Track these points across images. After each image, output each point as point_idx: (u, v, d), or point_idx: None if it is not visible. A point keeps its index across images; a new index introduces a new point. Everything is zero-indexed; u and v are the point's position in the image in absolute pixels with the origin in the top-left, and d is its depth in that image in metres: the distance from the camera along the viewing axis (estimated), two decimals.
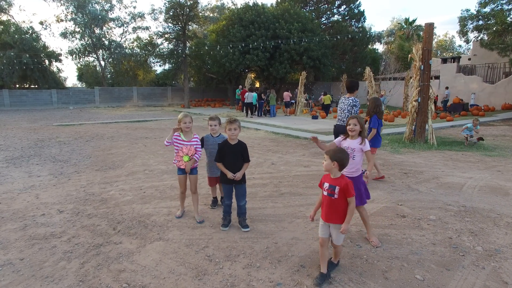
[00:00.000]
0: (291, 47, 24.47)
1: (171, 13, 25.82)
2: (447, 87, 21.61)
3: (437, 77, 24.10)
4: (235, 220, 3.89)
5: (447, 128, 13.29)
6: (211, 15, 37.52)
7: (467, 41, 20.79)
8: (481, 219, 4.05)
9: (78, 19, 29.89)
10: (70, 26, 30.66)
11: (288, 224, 3.91)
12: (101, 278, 2.83)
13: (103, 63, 32.83)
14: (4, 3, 28.65)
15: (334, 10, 32.95)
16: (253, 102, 18.00)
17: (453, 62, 25.43)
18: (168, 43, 29.32)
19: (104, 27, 31.63)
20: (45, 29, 31.62)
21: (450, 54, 48.93)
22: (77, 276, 2.85)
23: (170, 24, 27.45)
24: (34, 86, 30.19)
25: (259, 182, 5.65)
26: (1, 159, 7.56)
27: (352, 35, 29.74)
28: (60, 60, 31.40)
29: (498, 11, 17.18)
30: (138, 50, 32.34)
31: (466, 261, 3.08)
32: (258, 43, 24.33)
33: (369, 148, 3.45)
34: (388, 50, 39.54)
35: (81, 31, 30.30)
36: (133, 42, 33.94)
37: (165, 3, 26.03)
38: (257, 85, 31.96)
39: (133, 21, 32.92)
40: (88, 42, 30.58)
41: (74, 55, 31.18)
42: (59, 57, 30.86)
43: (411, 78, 12.02)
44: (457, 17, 20.80)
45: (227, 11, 33.88)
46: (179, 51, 27.85)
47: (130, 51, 32.35)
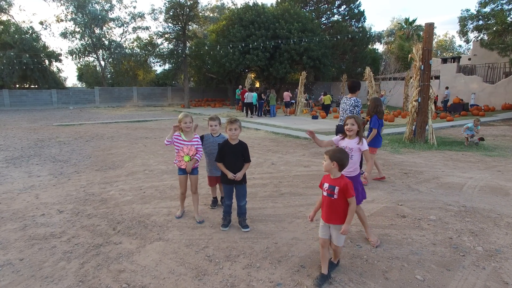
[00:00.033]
0: (291, 47, 24.47)
1: (171, 13, 25.82)
2: (447, 87, 21.61)
3: (437, 77, 24.11)
4: (235, 220, 3.89)
5: (447, 128, 13.29)
6: (211, 15, 37.52)
7: (467, 41, 20.79)
8: (481, 219, 4.05)
9: (78, 19, 29.91)
10: (70, 26, 30.74)
11: (288, 224, 3.90)
12: (101, 278, 2.82)
13: (103, 63, 32.85)
14: (4, 3, 28.65)
15: (334, 10, 32.96)
16: (253, 102, 18.00)
17: (453, 62, 25.43)
18: (168, 43, 29.35)
19: (104, 27, 31.64)
20: (45, 29, 31.70)
21: (450, 54, 48.93)
22: (76, 276, 2.85)
23: (170, 24, 27.47)
24: (34, 86, 30.19)
25: (259, 182, 5.64)
26: (1, 159, 7.55)
27: (352, 35, 29.74)
28: (60, 60, 31.44)
29: (498, 11, 17.18)
30: (138, 50, 32.36)
31: (467, 261, 3.08)
32: (258, 43, 24.33)
33: (367, 148, 3.46)
34: (388, 50, 39.55)
35: (81, 31, 30.32)
36: (133, 42, 34.01)
37: (165, 3, 26.07)
38: (257, 85, 31.95)
39: (133, 21, 32.96)
40: (88, 42, 30.59)
41: (74, 55, 31.21)
42: (59, 57, 30.90)
43: (411, 78, 12.02)
44: (457, 17, 20.82)
45: (227, 11, 33.87)
46: (179, 51, 27.86)
47: (130, 51, 32.36)
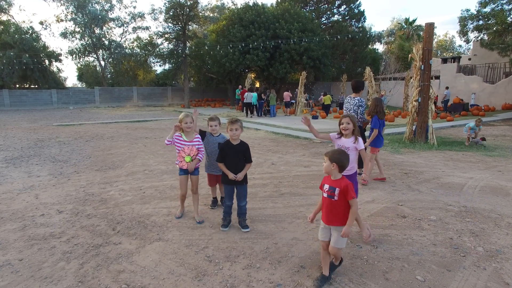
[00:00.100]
0: (291, 47, 24.45)
1: (171, 13, 25.82)
2: (447, 87, 21.60)
3: (437, 77, 24.10)
4: (235, 221, 3.88)
5: (447, 128, 13.28)
6: (211, 15, 37.50)
7: (467, 41, 20.76)
8: (482, 219, 4.04)
9: (78, 19, 29.90)
10: (70, 26, 30.73)
11: (288, 225, 3.89)
12: (101, 278, 2.82)
13: (103, 63, 32.84)
14: (4, 3, 28.64)
15: (334, 10, 32.95)
16: (252, 102, 17.99)
17: (453, 62, 25.43)
18: (168, 43, 29.35)
19: (104, 27, 31.63)
20: (45, 29, 31.70)
21: (450, 54, 48.91)
22: (76, 277, 2.84)
23: (170, 24, 27.47)
24: (34, 86, 30.18)
25: (259, 182, 5.63)
26: (1, 159, 7.54)
27: (352, 35, 29.74)
28: (60, 60, 31.42)
29: (498, 11, 17.17)
30: (138, 50, 32.35)
31: (467, 261, 3.07)
32: (258, 43, 24.32)
33: (362, 147, 3.49)
34: (388, 50, 39.55)
35: (81, 31, 30.31)
36: (133, 42, 34.00)
37: (165, 3, 26.07)
38: (257, 85, 31.95)
39: (133, 21, 32.94)
40: (88, 42, 30.58)
41: (74, 55, 31.20)
42: (59, 57, 30.88)
43: (411, 78, 12.01)
44: (457, 17, 20.80)
45: (227, 11, 33.87)
46: (179, 51, 27.85)
47: (130, 51, 32.35)
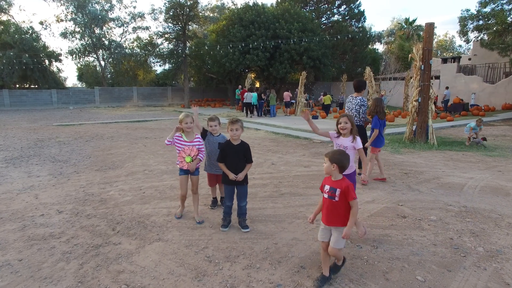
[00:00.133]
0: (291, 47, 24.45)
1: (171, 13, 25.82)
2: (447, 87, 21.60)
3: (437, 77, 24.09)
4: (235, 221, 3.87)
5: (447, 128, 13.28)
6: (211, 15, 37.50)
7: (467, 41, 20.75)
8: (482, 219, 4.04)
9: (78, 19, 29.90)
10: (70, 26, 30.73)
11: (288, 225, 3.89)
12: (100, 279, 2.81)
13: (103, 63, 32.84)
14: (4, 3, 28.64)
15: (334, 10, 32.95)
16: (252, 102, 17.97)
17: (453, 62, 25.42)
18: (168, 43, 29.35)
19: (104, 27, 31.63)
20: (45, 29, 31.69)
21: (450, 54, 48.91)
22: (76, 277, 2.83)
23: (170, 24, 27.47)
24: (34, 86, 30.18)
25: (259, 182, 5.63)
26: (1, 159, 7.54)
27: (352, 35, 29.74)
28: (60, 60, 31.43)
29: (498, 11, 17.17)
30: (138, 50, 32.35)
31: (468, 262, 3.06)
32: (258, 43, 24.31)
33: (360, 146, 3.50)
34: (388, 50, 39.55)
35: (81, 31, 30.31)
36: (133, 42, 34.01)
37: (165, 3, 26.07)
38: (257, 85, 31.95)
39: (133, 21, 32.94)
40: (88, 42, 30.58)
41: (74, 55, 31.20)
42: (59, 57, 30.88)
43: (411, 78, 12.00)
44: (457, 17, 20.80)
45: (227, 11, 33.87)
46: (179, 51, 27.85)
47: (130, 51, 32.35)
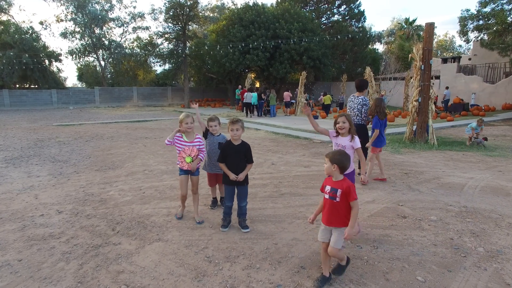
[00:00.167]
0: (291, 47, 24.44)
1: (171, 13, 25.81)
2: (447, 87, 21.59)
3: (438, 77, 24.09)
4: (235, 221, 3.87)
5: (447, 128, 13.27)
6: (211, 15, 37.51)
7: (467, 41, 20.74)
8: (482, 219, 4.03)
9: (78, 19, 29.89)
10: (70, 26, 30.72)
11: (288, 225, 3.88)
12: (100, 279, 2.81)
13: (103, 63, 32.83)
14: (4, 3, 28.63)
15: (334, 10, 32.96)
16: (252, 102, 17.96)
17: (454, 62, 25.42)
18: (168, 43, 29.33)
19: (104, 27, 31.63)
20: (45, 29, 31.67)
21: (450, 54, 48.91)
22: (75, 277, 2.83)
23: (170, 24, 27.45)
24: (34, 86, 30.17)
25: (259, 182, 5.62)
26: (1, 159, 7.53)
27: (352, 35, 29.74)
28: (60, 60, 31.40)
29: (498, 11, 17.16)
30: (138, 50, 32.34)
31: (468, 262, 3.06)
32: (258, 43, 24.31)
33: (359, 146, 3.50)
34: (388, 50, 39.56)
35: (81, 31, 30.31)
36: (133, 42, 33.99)
37: (165, 3, 26.06)
38: (257, 85, 31.95)
39: (133, 21, 32.94)
40: (88, 42, 30.58)
41: (74, 55, 31.19)
42: (59, 57, 30.86)
43: (412, 78, 12.00)
44: (457, 17, 20.79)
45: (227, 11, 33.87)
46: (179, 51, 27.84)
47: (130, 51, 32.35)
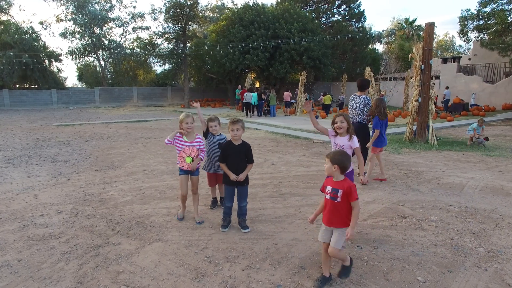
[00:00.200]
0: (291, 47, 24.44)
1: (171, 13, 25.80)
2: (447, 87, 21.59)
3: (438, 77, 24.08)
4: (234, 221, 3.86)
5: (447, 128, 13.27)
6: (211, 15, 37.50)
7: (467, 41, 20.73)
8: (482, 220, 4.03)
9: (78, 19, 29.88)
10: (70, 26, 30.70)
11: (288, 225, 3.88)
12: (100, 279, 2.80)
13: (103, 63, 32.82)
14: (4, 3, 28.62)
15: (334, 10, 32.96)
16: (252, 102, 17.95)
17: (454, 62, 25.41)
18: (168, 43, 29.33)
19: (104, 27, 31.61)
20: (45, 29, 31.64)
21: (451, 54, 48.90)
22: (75, 278, 2.83)
23: (170, 24, 27.45)
24: (34, 86, 30.16)
25: (259, 182, 5.62)
26: (1, 159, 7.53)
27: (352, 35, 29.74)
28: (60, 60, 31.38)
29: (498, 11, 17.16)
30: (138, 50, 32.33)
31: (468, 262, 3.06)
32: (258, 43, 24.31)
33: (357, 145, 3.51)
34: (388, 50, 39.56)
35: (81, 31, 30.30)
36: (133, 42, 33.98)
37: (165, 3, 26.06)
38: (257, 85, 31.95)
39: (133, 21, 32.92)
40: (88, 42, 30.57)
41: (74, 55, 31.17)
42: (59, 57, 30.84)
43: (412, 78, 11.99)
44: (457, 17, 20.79)
45: (227, 11, 33.87)
46: (179, 51, 27.83)
47: (130, 51, 32.33)
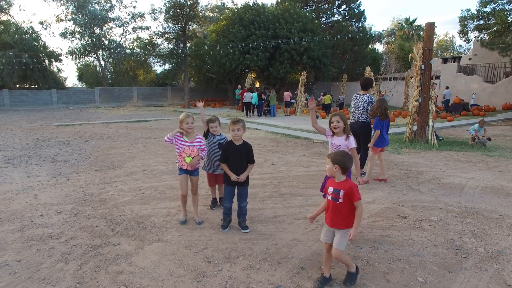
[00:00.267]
0: (291, 47, 24.44)
1: (171, 13, 25.81)
2: (447, 87, 21.58)
3: (438, 77, 24.07)
4: (234, 221, 3.85)
5: (447, 128, 13.26)
6: (211, 15, 37.50)
7: (467, 41, 20.73)
8: (483, 220, 4.02)
9: (78, 19, 29.89)
10: (70, 26, 30.71)
11: (288, 225, 3.87)
12: (99, 280, 2.79)
13: (103, 63, 32.82)
14: (4, 3, 28.62)
15: (334, 10, 32.97)
16: (252, 102, 17.94)
17: (454, 62, 25.38)
18: (168, 43, 29.34)
19: (104, 27, 31.61)
20: (45, 29, 31.65)
21: (451, 54, 48.89)
22: (74, 278, 2.82)
23: (170, 24, 27.46)
24: (34, 86, 30.16)
25: (259, 182, 5.61)
26: (0, 159, 7.52)
27: (352, 35, 29.74)
28: (60, 60, 31.40)
29: (498, 10, 17.15)
30: (138, 50, 32.34)
31: (469, 263, 3.05)
32: (258, 43, 24.31)
33: (353, 146, 3.51)
34: (389, 50, 39.53)
35: (81, 31, 30.30)
36: (133, 42, 33.99)
37: (165, 3, 26.06)
38: (257, 85, 31.94)
39: (133, 21, 32.93)
40: (88, 42, 30.57)
41: (74, 55, 31.18)
42: (59, 57, 30.85)
43: (412, 78, 11.98)
44: (457, 17, 20.80)
45: (227, 11, 33.88)
46: (179, 51, 27.84)
47: (130, 51, 32.34)
